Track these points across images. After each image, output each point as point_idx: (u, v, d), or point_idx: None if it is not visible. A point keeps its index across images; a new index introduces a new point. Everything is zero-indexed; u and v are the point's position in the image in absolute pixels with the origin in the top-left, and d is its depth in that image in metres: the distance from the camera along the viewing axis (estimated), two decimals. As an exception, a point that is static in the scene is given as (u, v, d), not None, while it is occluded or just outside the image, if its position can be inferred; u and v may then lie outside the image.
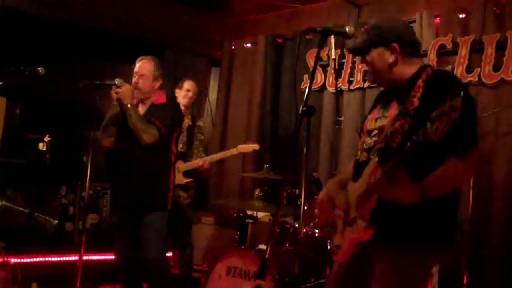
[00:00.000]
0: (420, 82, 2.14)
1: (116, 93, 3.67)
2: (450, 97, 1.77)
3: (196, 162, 4.76)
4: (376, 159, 2.12)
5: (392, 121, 2.16)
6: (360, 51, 2.32)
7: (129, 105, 3.63)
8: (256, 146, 4.99)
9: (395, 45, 2.24)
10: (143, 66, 3.77)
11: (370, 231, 2.07)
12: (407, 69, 2.26)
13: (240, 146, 4.94)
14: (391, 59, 2.25)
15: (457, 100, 1.74)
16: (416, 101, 2.10)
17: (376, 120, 2.29)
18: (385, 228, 2.08)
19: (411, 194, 1.96)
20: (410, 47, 2.28)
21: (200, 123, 5.06)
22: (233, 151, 4.91)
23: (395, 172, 1.94)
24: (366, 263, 2.18)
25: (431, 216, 2.08)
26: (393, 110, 2.20)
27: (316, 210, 2.47)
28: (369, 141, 2.25)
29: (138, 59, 3.83)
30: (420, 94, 2.11)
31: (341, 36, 2.41)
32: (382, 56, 2.26)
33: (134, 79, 3.76)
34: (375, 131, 2.25)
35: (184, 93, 4.82)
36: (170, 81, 5.27)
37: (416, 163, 1.94)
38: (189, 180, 4.76)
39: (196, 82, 4.98)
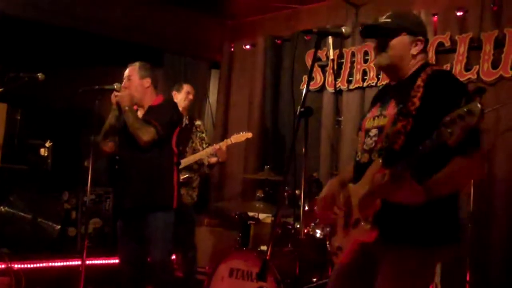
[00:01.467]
0: (419, 82, 2.14)
1: (116, 97, 3.74)
2: (466, 101, 1.75)
3: (212, 148, 4.87)
4: (380, 160, 2.09)
5: (393, 120, 2.14)
6: (387, 32, 2.25)
7: (127, 108, 3.67)
8: (249, 135, 5.04)
9: (422, 39, 2.25)
10: (129, 69, 3.86)
11: (375, 233, 2.06)
12: (413, 65, 2.26)
13: (233, 136, 4.99)
14: (415, 51, 2.24)
15: (475, 105, 1.71)
16: (417, 101, 2.09)
17: (374, 118, 2.27)
18: (389, 229, 2.07)
19: (417, 196, 1.95)
20: (426, 45, 2.30)
21: (198, 122, 5.14)
22: (228, 141, 4.95)
23: (402, 175, 1.92)
24: (369, 263, 2.17)
25: (434, 215, 2.07)
26: (391, 108, 2.19)
27: (316, 208, 2.45)
28: (370, 141, 2.22)
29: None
30: (420, 94, 2.10)
31: (338, 36, 2.42)
32: (409, 45, 2.24)
33: (123, 83, 3.82)
34: (374, 131, 2.22)
35: (184, 96, 4.93)
36: (170, 85, 5.30)
37: (425, 166, 1.92)
38: (186, 176, 4.79)
39: (193, 86, 5.11)
